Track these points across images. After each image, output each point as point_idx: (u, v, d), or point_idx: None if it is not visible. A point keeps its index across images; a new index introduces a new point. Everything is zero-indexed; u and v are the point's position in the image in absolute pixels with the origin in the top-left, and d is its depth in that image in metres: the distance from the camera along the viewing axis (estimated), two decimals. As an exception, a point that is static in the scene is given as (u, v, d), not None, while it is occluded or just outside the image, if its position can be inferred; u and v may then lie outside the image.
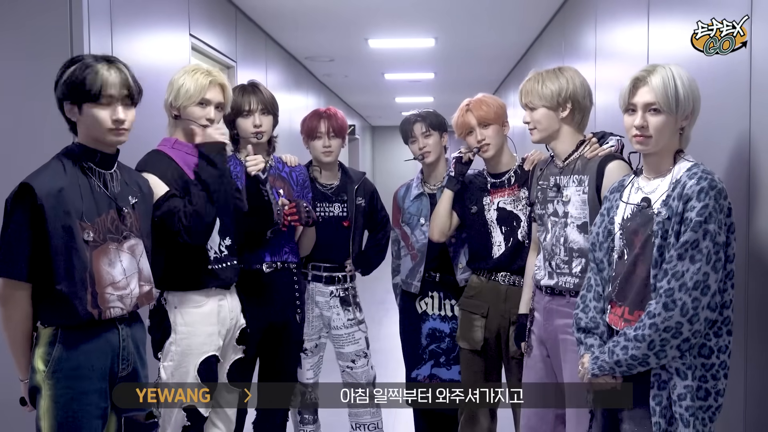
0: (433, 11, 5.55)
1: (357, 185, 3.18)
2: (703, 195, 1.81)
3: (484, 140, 2.80)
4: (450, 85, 9.60)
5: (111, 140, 2.06)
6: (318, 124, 3.05)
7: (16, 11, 2.80)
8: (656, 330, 1.84)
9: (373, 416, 3.16)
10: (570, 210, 2.39)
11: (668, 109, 1.91)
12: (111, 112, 2.02)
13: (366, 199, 3.21)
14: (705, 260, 1.80)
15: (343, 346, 3.12)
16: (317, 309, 3.09)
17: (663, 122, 1.92)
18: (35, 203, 1.92)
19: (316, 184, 3.11)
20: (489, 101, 2.84)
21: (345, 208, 3.12)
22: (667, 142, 1.95)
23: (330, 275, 3.10)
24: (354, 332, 3.12)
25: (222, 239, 2.51)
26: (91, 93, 1.99)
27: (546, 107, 2.41)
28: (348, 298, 3.13)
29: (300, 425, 3.14)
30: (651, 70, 1.95)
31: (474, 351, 2.85)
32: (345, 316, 3.10)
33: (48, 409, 1.98)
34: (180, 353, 2.40)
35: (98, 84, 1.99)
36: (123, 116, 2.03)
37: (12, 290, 1.97)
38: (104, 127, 2.02)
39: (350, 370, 3.13)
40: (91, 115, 2.02)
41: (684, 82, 1.91)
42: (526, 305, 2.63)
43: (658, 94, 1.91)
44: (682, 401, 1.84)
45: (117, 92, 2.02)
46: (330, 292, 3.09)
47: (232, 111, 2.75)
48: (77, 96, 2.01)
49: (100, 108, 2.02)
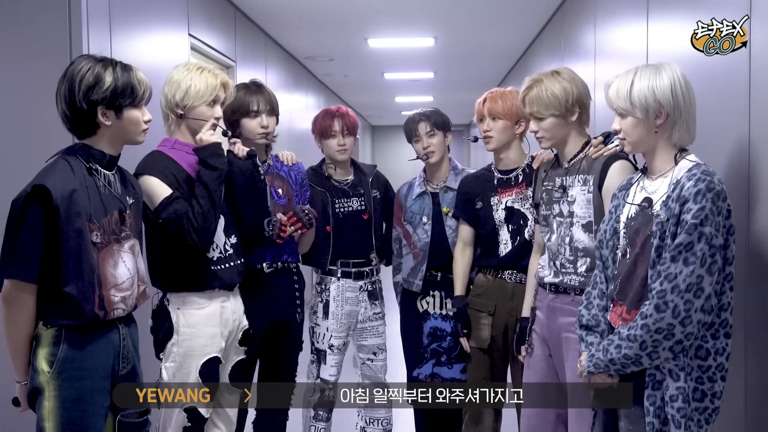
0: (433, 11, 5.55)
1: (371, 178, 3.20)
2: (700, 197, 1.80)
3: (489, 131, 2.80)
4: (450, 84, 9.59)
5: (141, 140, 2.16)
6: (332, 123, 3.06)
7: (15, 11, 2.80)
8: (647, 331, 1.84)
9: (387, 412, 3.19)
10: (575, 210, 2.38)
11: (625, 111, 1.95)
12: (143, 113, 2.13)
13: (381, 190, 3.23)
14: (699, 263, 1.80)
15: (366, 338, 3.15)
16: (347, 306, 3.11)
17: (629, 124, 1.96)
18: (50, 205, 1.91)
19: (332, 180, 3.13)
20: (507, 97, 2.81)
21: (363, 201, 3.14)
22: (647, 142, 1.96)
23: (359, 270, 3.12)
24: (378, 325, 3.18)
25: (227, 237, 2.51)
26: (137, 97, 2.08)
27: (554, 116, 2.38)
28: (376, 291, 3.19)
29: (313, 421, 3.14)
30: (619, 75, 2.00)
31: (481, 349, 2.85)
32: (371, 310, 3.15)
33: (53, 410, 1.98)
34: (182, 354, 2.40)
35: (142, 88, 2.10)
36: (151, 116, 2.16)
37: (19, 292, 1.96)
38: (140, 128, 2.13)
39: (370, 362, 3.17)
40: (131, 117, 2.09)
41: (642, 82, 1.92)
42: (529, 308, 2.63)
43: (612, 99, 1.99)
44: (674, 402, 1.84)
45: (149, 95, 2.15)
46: (360, 287, 3.12)
47: (236, 111, 2.75)
48: (122, 100, 2.05)
49: (137, 110, 2.11)
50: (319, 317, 3.10)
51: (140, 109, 2.11)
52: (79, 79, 2.01)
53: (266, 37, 6.15)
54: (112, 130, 2.08)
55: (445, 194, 3.08)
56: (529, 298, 2.63)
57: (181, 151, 2.45)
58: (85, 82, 2.01)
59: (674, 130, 1.93)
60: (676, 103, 1.91)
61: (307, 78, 8.24)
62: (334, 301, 3.08)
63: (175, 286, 2.42)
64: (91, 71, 2.02)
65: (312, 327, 3.13)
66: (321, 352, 3.09)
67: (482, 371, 2.86)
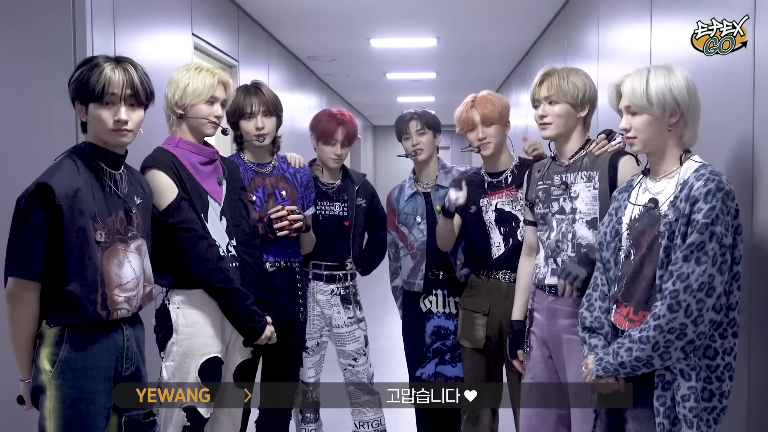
0: (435, 11, 5.55)
1: (357, 186, 3.18)
2: (711, 197, 1.81)
3: (485, 138, 2.79)
4: (452, 84, 9.60)
5: (113, 141, 2.05)
6: (335, 131, 3.02)
7: (20, 10, 2.80)
8: (661, 331, 1.83)
9: (376, 413, 3.17)
10: (579, 206, 2.38)
11: (642, 109, 1.94)
12: (113, 113, 2.02)
13: (367, 200, 3.21)
14: (711, 262, 1.80)
15: (344, 344, 3.13)
16: (318, 308, 3.10)
17: (643, 122, 1.95)
18: (53, 203, 1.91)
19: (318, 182, 3.12)
20: (494, 100, 2.83)
21: (346, 207, 3.12)
22: (658, 141, 1.96)
23: (331, 274, 3.10)
24: (354, 330, 3.13)
25: (230, 239, 2.51)
26: (95, 93, 1.99)
27: (569, 104, 2.40)
28: (348, 296, 3.14)
29: (302, 424, 3.15)
30: (629, 74, 1.99)
31: (476, 349, 2.85)
32: (345, 315, 3.11)
33: (54, 409, 1.98)
34: (181, 354, 2.41)
35: (101, 83, 1.99)
36: (125, 117, 2.02)
37: (23, 290, 1.96)
38: (106, 128, 2.02)
39: (352, 368, 3.14)
40: (95, 115, 2.02)
41: (658, 81, 1.93)
42: (520, 311, 2.62)
43: (628, 96, 1.96)
44: (686, 402, 1.84)
45: (119, 92, 2.01)
46: (331, 291, 3.10)
47: (234, 113, 2.77)
48: (84, 96, 2.01)
49: (103, 108, 2.01)
50: None
51: (108, 107, 2.01)
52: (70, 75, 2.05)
53: (269, 37, 6.15)
54: (90, 127, 2.06)
55: (436, 192, 3.09)
56: (520, 301, 2.62)
57: (185, 150, 2.46)
58: (71, 78, 2.04)
59: (686, 130, 1.95)
60: (690, 102, 1.93)
61: (310, 78, 8.24)
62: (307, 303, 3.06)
63: (177, 283, 2.42)
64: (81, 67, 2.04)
65: None
66: None
67: (478, 371, 2.86)
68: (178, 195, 2.36)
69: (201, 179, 2.46)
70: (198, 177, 2.45)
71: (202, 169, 2.47)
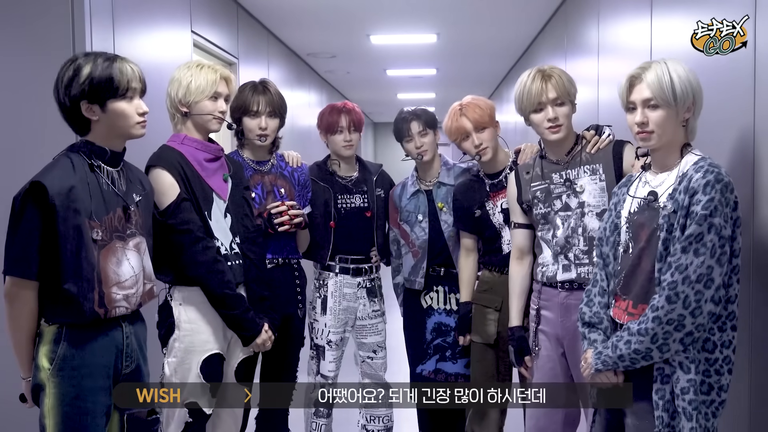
0: (435, 7, 5.54)
1: (375, 176, 3.21)
2: (709, 188, 1.81)
3: (481, 144, 2.78)
4: (452, 81, 9.59)
5: (138, 133, 2.10)
6: (338, 119, 3.05)
7: (19, 9, 2.80)
8: (659, 323, 1.84)
9: (387, 408, 3.20)
10: (587, 200, 2.39)
11: (666, 103, 1.91)
12: (135, 106, 2.07)
13: (385, 189, 3.23)
14: (709, 253, 1.80)
15: (366, 336, 3.16)
16: (345, 302, 3.11)
17: (663, 116, 1.92)
18: (47, 202, 1.91)
19: (336, 177, 3.14)
20: (481, 103, 2.82)
21: (366, 198, 3.14)
22: (671, 136, 1.95)
23: (357, 267, 3.12)
24: (378, 323, 3.18)
25: (234, 236, 2.52)
26: (119, 88, 2.01)
27: (571, 104, 2.44)
28: (374, 288, 3.19)
29: (314, 417, 3.15)
30: (646, 66, 1.96)
31: (487, 344, 2.84)
32: (370, 307, 3.16)
33: (53, 407, 1.98)
34: (183, 350, 2.41)
35: (125, 79, 2.02)
36: (146, 108, 2.09)
37: (20, 289, 1.97)
38: (133, 121, 2.07)
39: (371, 360, 3.18)
40: (117, 110, 2.04)
41: (680, 74, 1.92)
42: (519, 316, 2.61)
43: (653, 89, 1.92)
44: (685, 395, 1.84)
45: (138, 86, 2.07)
46: (357, 284, 3.13)
47: (239, 108, 2.78)
48: (102, 93, 2.01)
49: (126, 102, 2.04)
50: (317, 313, 3.12)
51: (129, 100, 2.05)
52: (61, 75, 2.02)
53: (269, 34, 6.14)
54: (102, 126, 2.05)
55: (438, 189, 3.08)
56: (517, 306, 2.62)
57: (191, 147, 2.47)
58: (66, 77, 2.01)
59: (695, 124, 1.96)
60: (701, 96, 1.94)
61: (310, 75, 8.23)
62: (332, 297, 3.09)
63: (179, 279, 2.43)
64: (72, 65, 2.02)
65: (311, 323, 3.15)
66: (320, 347, 3.10)
67: (488, 367, 2.85)
68: (179, 195, 2.36)
69: (206, 176, 2.46)
70: (203, 174, 2.45)
71: (207, 166, 2.48)
